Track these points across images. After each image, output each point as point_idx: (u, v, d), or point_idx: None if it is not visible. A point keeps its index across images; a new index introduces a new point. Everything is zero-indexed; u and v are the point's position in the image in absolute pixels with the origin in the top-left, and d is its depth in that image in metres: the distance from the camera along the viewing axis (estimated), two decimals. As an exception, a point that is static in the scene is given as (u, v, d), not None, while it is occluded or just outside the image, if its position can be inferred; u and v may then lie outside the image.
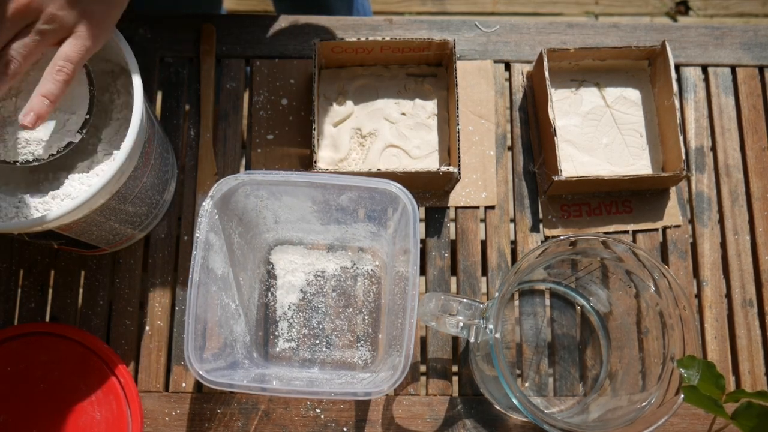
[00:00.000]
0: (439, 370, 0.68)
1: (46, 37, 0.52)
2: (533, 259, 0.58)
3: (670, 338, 0.59)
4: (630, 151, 0.73)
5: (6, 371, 0.65)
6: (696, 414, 0.67)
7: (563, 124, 0.73)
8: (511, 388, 0.54)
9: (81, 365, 0.65)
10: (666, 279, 0.58)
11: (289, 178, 0.58)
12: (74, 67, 0.52)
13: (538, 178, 0.73)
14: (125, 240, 0.68)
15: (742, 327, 0.70)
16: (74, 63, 0.52)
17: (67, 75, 0.52)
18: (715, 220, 0.73)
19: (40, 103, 0.51)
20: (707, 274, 0.71)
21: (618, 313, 0.67)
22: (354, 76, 0.74)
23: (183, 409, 0.66)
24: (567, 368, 0.69)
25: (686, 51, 0.77)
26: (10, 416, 0.64)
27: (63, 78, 0.52)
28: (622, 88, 0.75)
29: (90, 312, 0.68)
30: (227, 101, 0.74)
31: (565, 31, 0.78)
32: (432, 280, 0.70)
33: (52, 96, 0.51)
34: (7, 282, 0.69)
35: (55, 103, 0.52)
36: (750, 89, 0.76)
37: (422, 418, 0.67)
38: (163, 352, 0.68)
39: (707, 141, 0.75)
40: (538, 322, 0.70)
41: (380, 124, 0.73)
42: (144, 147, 0.58)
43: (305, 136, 0.73)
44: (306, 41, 0.76)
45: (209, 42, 0.75)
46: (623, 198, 0.73)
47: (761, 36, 0.78)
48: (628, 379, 0.65)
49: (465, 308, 0.57)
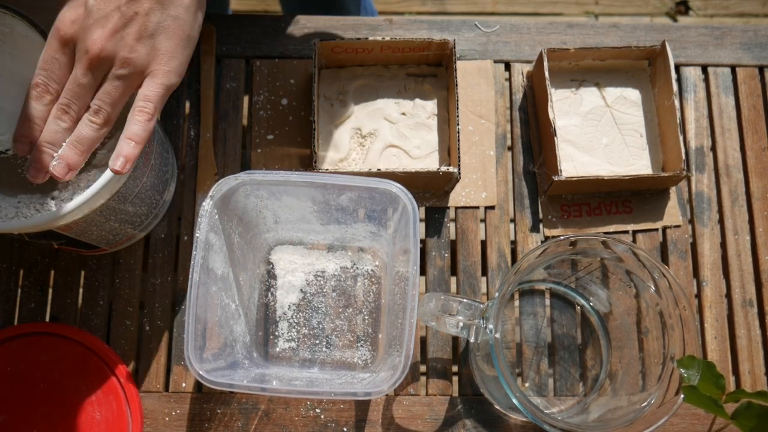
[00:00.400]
0: (439, 370, 0.68)
1: (126, 82, 0.52)
2: (533, 259, 0.58)
3: (670, 338, 0.59)
4: (630, 151, 0.73)
5: (6, 371, 0.65)
6: (696, 414, 0.67)
7: (563, 124, 0.73)
8: (511, 388, 0.54)
9: (81, 365, 0.65)
10: (666, 279, 0.58)
11: (289, 178, 0.58)
12: (155, 106, 0.53)
13: (538, 178, 0.73)
14: (125, 240, 0.68)
15: (742, 327, 0.70)
16: (154, 102, 0.53)
17: (149, 115, 0.52)
18: (715, 220, 0.73)
19: (128, 147, 0.52)
20: (707, 274, 0.71)
21: (618, 313, 0.67)
22: (354, 76, 0.74)
23: (183, 409, 0.66)
24: (567, 368, 0.69)
25: (686, 51, 0.77)
26: (10, 416, 0.64)
27: (145, 118, 0.52)
28: (622, 88, 0.75)
29: (90, 312, 0.68)
30: (227, 101, 0.75)
31: (565, 31, 0.78)
32: (432, 280, 0.70)
33: (137, 138, 0.52)
34: (7, 282, 0.69)
35: (142, 144, 0.53)
36: (750, 89, 0.76)
37: (422, 418, 0.67)
38: (163, 352, 0.68)
39: (707, 141, 0.75)
40: (538, 322, 0.70)
41: (380, 124, 0.73)
42: (144, 147, 0.58)
43: (305, 136, 0.73)
44: (306, 41, 0.76)
45: (209, 42, 0.75)
46: (623, 198, 0.73)
47: (761, 36, 0.78)
48: (628, 379, 0.65)
49: (465, 308, 0.57)
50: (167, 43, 0.53)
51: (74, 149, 0.52)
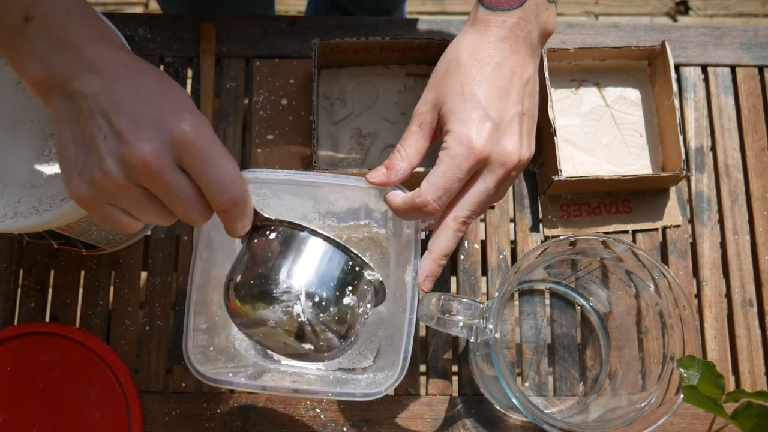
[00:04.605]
0: (439, 370, 0.68)
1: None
2: (533, 259, 0.58)
3: (670, 338, 0.59)
4: (630, 151, 0.73)
5: (6, 371, 0.65)
6: (696, 414, 0.67)
7: (563, 124, 0.73)
8: (511, 388, 0.54)
9: (81, 365, 0.65)
10: (666, 279, 0.58)
11: (292, 177, 0.58)
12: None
13: (538, 178, 0.73)
14: (125, 240, 0.68)
15: (742, 327, 0.70)
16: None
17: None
18: (714, 220, 0.73)
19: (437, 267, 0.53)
20: (707, 274, 0.71)
21: (618, 313, 0.67)
22: (354, 76, 0.74)
23: (183, 409, 0.66)
24: (567, 368, 0.69)
25: (686, 51, 0.77)
26: (10, 416, 0.64)
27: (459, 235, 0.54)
28: (622, 87, 0.75)
29: (90, 312, 0.68)
30: (227, 101, 0.74)
31: (565, 31, 0.78)
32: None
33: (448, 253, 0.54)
34: (7, 282, 0.69)
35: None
36: (750, 89, 0.76)
37: (422, 418, 0.67)
38: (163, 352, 0.68)
39: (707, 141, 0.75)
40: (538, 322, 0.70)
41: (380, 124, 0.73)
42: None
43: (305, 136, 0.73)
44: (306, 41, 0.76)
45: (209, 42, 0.75)
46: (623, 198, 0.73)
47: (761, 36, 0.78)
48: (628, 379, 0.65)
49: (465, 308, 0.57)
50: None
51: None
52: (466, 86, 0.52)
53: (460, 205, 0.52)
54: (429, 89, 0.54)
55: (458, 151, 0.51)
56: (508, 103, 0.52)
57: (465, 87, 0.52)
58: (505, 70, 0.52)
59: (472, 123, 0.51)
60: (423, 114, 0.54)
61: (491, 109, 0.51)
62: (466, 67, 0.52)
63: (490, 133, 0.51)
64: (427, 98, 0.54)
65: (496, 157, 0.51)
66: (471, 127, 0.51)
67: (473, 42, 0.53)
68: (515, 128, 0.52)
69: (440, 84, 0.53)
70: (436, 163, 0.52)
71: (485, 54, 0.52)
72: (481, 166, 0.52)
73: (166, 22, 0.76)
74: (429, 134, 0.54)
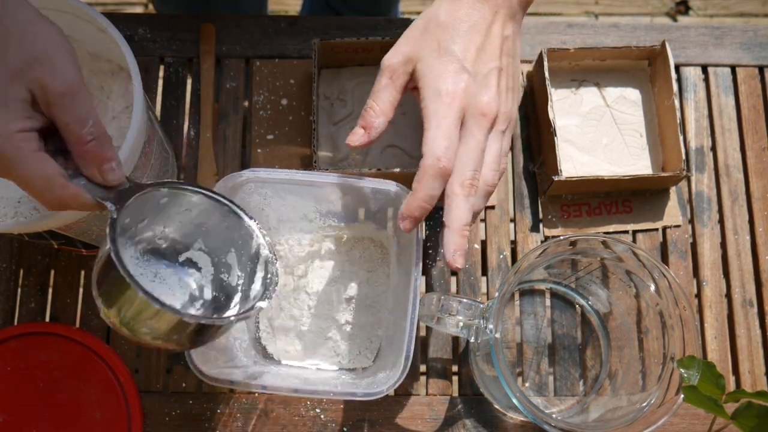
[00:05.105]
0: (439, 370, 0.68)
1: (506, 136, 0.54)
2: (533, 259, 0.58)
3: (670, 338, 0.59)
4: (630, 151, 0.73)
5: (6, 371, 0.65)
6: (696, 414, 0.67)
7: (563, 124, 0.73)
8: (511, 388, 0.54)
9: (81, 365, 0.65)
10: (666, 279, 0.58)
11: (293, 176, 0.58)
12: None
13: (538, 178, 0.73)
14: (125, 240, 0.68)
15: (742, 327, 0.70)
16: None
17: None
18: (715, 220, 0.73)
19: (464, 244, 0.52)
20: (707, 274, 0.71)
21: (618, 313, 0.67)
22: (354, 76, 0.74)
23: (183, 409, 0.66)
24: (567, 368, 0.69)
25: (686, 51, 0.77)
26: (10, 416, 0.64)
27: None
28: (622, 88, 0.75)
29: (90, 312, 0.68)
30: (227, 101, 0.74)
31: (565, 31, 0.78)
32: (432, 280, 0.70)
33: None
34: (7, 282, 0.69)
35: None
36: (750, 89, 0.76)
37: (422, 418, 0.67)
38: (163, 352, 0.68)
39: (707, 141, 0.75)
40: (538, 322, 0.70)
41: (380, 124, 0.73)
42: (144, 147, 0.58)
43: (305, 136, 0.73)
44: (306, 41, 0.76)
45: (209, 42, 0.75)
46: (623, 198, 0.73)
47: (761, 36, 0.78)
48: (628, 379, 0.65)
49: (465, 308, 0.57)
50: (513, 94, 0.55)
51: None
52: (443, 42, 0.53)
53: (458, 168, 0.52)
54: (404, 41, 0.55)
55: (439, 104, 0.52)
56: (484, 57, 0.53)
57: (441, 43, 0.53)
58: (482, 27, 0.53)
59: (448, 75, 0.52)
60: (395, 66, 0.54)
61: (467, 61, 0.52)
62: (443, 24, 0.53)
63: (467, 84, 0.52)
64: (401, 50, 0.54)
65: (476, 106, 0.52)
66: (447, 79, 0.52)
67: (452, 2, 0.54)
68: (493, 81, 0.53)
69: (417, 39, 0.54)
70: (424, 126, 0.52)
71: (463, 13, 0.53)
72: (465, 119, 0.52)
73: (166, 22, 0.76)
74: (401, 87, 0.54)
